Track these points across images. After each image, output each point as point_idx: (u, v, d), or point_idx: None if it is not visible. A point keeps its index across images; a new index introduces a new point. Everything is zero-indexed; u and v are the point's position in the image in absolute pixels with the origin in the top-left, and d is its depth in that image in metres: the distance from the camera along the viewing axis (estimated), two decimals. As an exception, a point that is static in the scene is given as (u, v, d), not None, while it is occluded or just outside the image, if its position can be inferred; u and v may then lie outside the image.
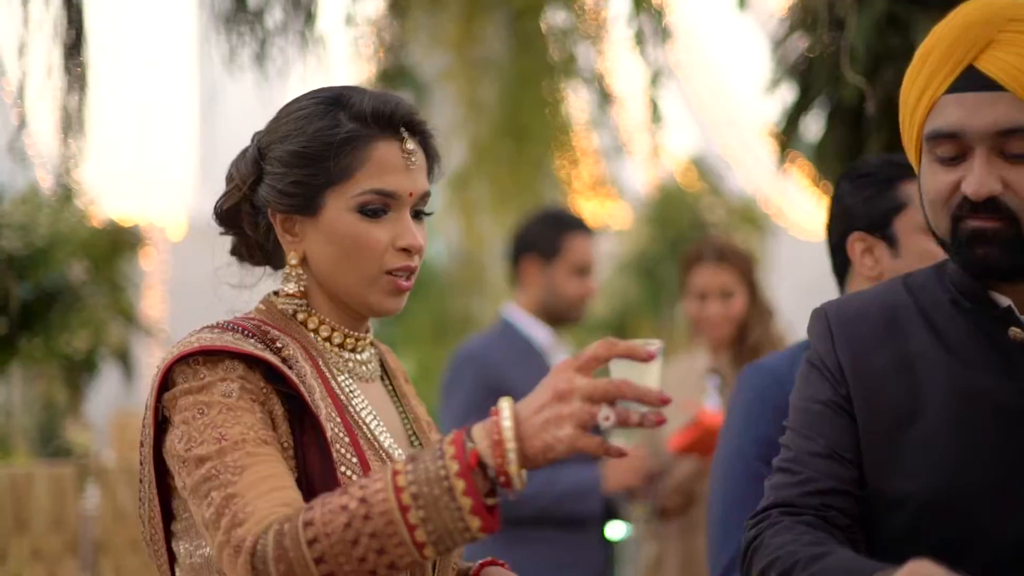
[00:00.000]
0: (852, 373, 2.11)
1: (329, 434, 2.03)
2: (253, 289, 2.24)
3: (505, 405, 1.81)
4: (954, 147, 2.03)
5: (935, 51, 2.05)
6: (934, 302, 2.12)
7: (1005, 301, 2.06)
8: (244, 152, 2.17)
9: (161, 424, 2.03)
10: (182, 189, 9.91)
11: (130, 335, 6.99)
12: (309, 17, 5.04)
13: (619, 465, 4.40)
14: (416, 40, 6.34)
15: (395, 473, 1.82)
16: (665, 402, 1.79)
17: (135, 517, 5.63)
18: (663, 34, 5.64)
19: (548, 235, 4.68)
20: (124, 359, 7.13)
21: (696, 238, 7.61)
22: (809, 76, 4.45)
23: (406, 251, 2.11)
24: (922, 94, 2.06)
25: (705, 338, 4.82)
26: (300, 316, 2.15)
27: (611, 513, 4.53)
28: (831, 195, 2.84)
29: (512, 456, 1.79)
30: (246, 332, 2.07)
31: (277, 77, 5.13)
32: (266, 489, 1.90)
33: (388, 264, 2.10)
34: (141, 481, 2.08)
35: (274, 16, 5.03)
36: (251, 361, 2.02)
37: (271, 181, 2.12)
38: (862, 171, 2.77)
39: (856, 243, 2.71)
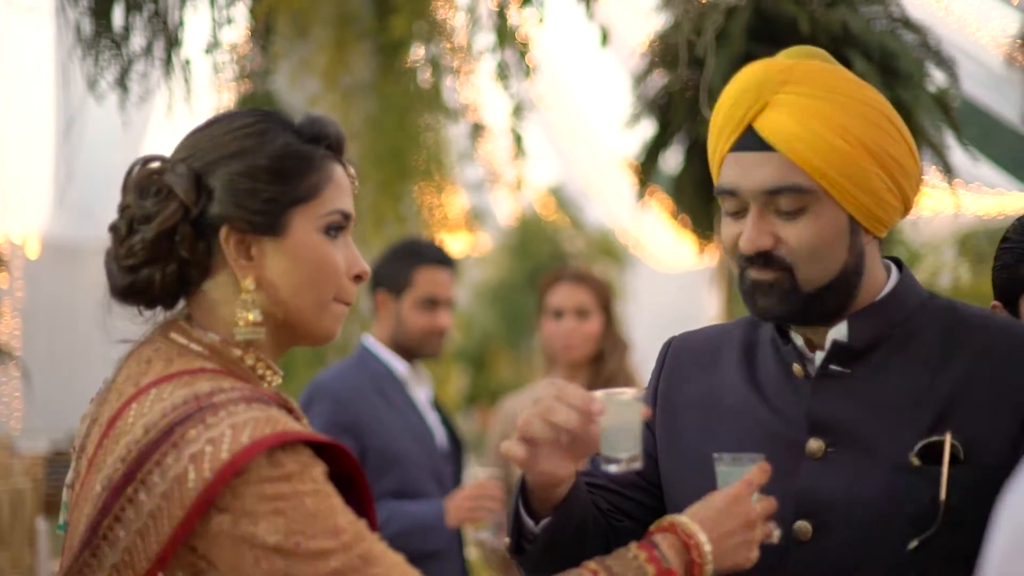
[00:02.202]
0: (663, 399, 2.28)
1: None
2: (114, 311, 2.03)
3: (696, 528, 2.00)
4: (735, 203, 2.13)
5: (722, 109, 2.15)
6: (762, 339, 2.25)
7: (796, 339, 2.18)
8: (170, 170, 1.98)
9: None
10: (38, 208, 9.75)
11: (-14, 357, 6.85)
12: (174, 42, 5.02)
13: (463, 497, 4.32)
14: (282, 67, 6.32)
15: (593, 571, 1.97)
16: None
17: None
18: (526, 68, 5.73)
19: (398, 268, 4.61)
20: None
21: (555, 268, 7.69)
22: (668, 112, 4.56)
23: (357, 279, 2.05)
24: (714, 150, 2.17)
25: (560, 361, 4.86)
26: (249, 360, 2.00)
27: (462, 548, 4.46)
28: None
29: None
30: (278, 404, 1.95)
31: (139, 101, 5.09)
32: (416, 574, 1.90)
33: (341, 291, 2.03)
34: (96, 554, 1.85)
35: (138, 40, 5.00)
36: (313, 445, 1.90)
37: (234, 199, 1.96)
38: (1007, 236, 2.58)
39: (997, 311, 2.52)
